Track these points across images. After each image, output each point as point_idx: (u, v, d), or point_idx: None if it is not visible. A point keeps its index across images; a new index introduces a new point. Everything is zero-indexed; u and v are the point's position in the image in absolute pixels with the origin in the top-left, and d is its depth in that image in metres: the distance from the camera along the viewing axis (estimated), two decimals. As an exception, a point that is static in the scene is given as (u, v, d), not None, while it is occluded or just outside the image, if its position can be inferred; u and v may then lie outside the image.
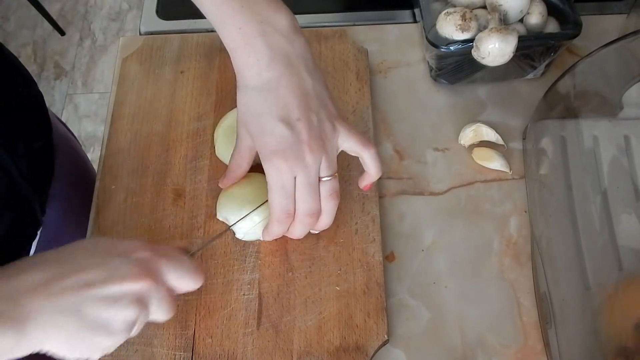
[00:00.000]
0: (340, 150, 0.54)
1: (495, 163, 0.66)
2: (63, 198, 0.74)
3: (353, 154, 0.54)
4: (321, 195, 0.52)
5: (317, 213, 0.53)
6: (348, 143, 0.53)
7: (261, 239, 0.59)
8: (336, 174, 0.53)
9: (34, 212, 0.64)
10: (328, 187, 0.52)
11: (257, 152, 0.55)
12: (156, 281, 0.45)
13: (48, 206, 0.70)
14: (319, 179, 0.52)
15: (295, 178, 0.51)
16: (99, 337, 0.43)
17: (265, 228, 0.56)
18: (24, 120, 0.64)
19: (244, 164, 0.57)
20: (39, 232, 0.67)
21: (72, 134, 0.87)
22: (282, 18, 0.50)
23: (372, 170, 0.55)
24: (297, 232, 0.55)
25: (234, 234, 0.60)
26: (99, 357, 0.44)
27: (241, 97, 0.52)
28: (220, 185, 0.59)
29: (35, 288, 0.41)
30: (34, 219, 0.64)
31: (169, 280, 0.47)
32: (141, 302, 0.44)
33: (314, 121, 0.50)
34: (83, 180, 0.80)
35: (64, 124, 0.84)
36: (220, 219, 0.60)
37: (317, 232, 0.59)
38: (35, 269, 0.42)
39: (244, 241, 0.60)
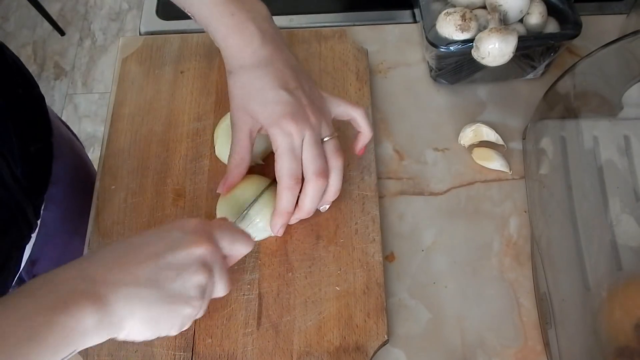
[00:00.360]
0: (332, 116, 0.58)
1: (495, 163, 0.66)
2: (62, 201, 0.74)
3: (345, 118, 0.59)
4: (327, 154, 0.55)
5: (326, 172, 0.55)
6: (339, 108, 0.58)
7: (272, 233, 0.59)
8: (336, 134, 0.56)
9: (26, 216, 0.63)
10: (332, 145, 0.56)
11: (254, 148, 0.57)
12: (214, 246, 0.47)
13: (45, 209, 0.69)
14: (322, 140, 0.55)
15: (302, 140, 0.54)
16: (177, 305, 0.44)
17: (274, 211, 0.56)
18: (22, 123, 0.64)
19: (246, 155, 0.56)
20: (33, 235, 0.67)
21: (76, 136, 0.86)
22: (262, 7, 0.56)
23: (365, 129, 0.59)
24: (309, 198, 0.55)
25: None
26: (177, 332, 0.46)
27: (237, 79, 0.55)
28: (220, 190, 0.58)
29: (108, 265, 0.42)
30: (26, 223, 0.64)
31: (224, 248, 0.48)
32: (207, 266, 0.46)
33: (307, 89, 0.55)
34: (84, 184, 0.80)
35: (68, 127, 0.84)
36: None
37: (327, 205, 0.60)
38: (102, 251, 0.44)
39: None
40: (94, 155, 1.78)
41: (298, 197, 0.56)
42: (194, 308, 0.45)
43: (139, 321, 0.43)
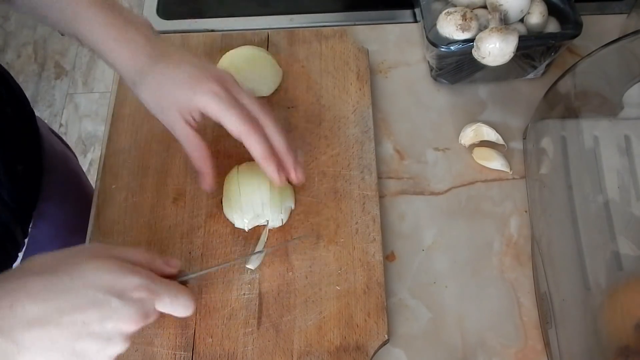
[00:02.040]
0: None
1: (495, 163, 0.66)
2: (53, 217, 0.72)
3: None
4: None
5: (266, 111, 0.55)
6: None
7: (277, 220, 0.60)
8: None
9: (13, 237, 0.63)
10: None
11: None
12: (148, 318, 0.46)
13: (34, 226, 0.68)
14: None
15: (231, 92, 0.54)
16: None
17: (260, 161, 0.54)
18: (9, 143, 0.63)
19: (200, 143, 0.55)
20: (20, 254, 0.66)
21: (71, 150, 0.85)
22: (146, 21, 0.58)
23: None
24: (272, 133, 0.55)
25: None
26: None
27: (143, 84, 0.55)
28: (205, 186, 0.56)
29: (31, 322, 0.40)
30: (13, 243, 0.63)
31: (161, 309, 0.47)
32: (128, 339, 0.45)
33: (212, 65, 0.57)
34: (76, 198, 0.78)
35: (63, 141, 0.82)
36: (241, 225, 0.60)
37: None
38: (31, 299, 0.41)
39: (244, 240, 0.60)
40: (94, 155, 1.78)
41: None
42: None
43: None
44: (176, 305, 0.47)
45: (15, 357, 0.40)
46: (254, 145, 0.53)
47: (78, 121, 1.85)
